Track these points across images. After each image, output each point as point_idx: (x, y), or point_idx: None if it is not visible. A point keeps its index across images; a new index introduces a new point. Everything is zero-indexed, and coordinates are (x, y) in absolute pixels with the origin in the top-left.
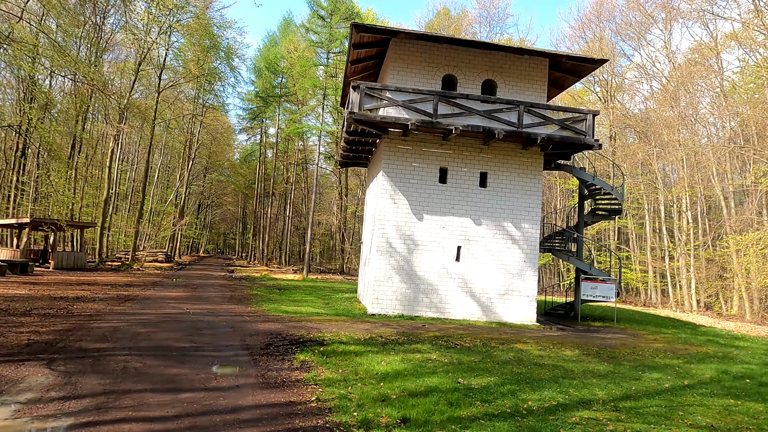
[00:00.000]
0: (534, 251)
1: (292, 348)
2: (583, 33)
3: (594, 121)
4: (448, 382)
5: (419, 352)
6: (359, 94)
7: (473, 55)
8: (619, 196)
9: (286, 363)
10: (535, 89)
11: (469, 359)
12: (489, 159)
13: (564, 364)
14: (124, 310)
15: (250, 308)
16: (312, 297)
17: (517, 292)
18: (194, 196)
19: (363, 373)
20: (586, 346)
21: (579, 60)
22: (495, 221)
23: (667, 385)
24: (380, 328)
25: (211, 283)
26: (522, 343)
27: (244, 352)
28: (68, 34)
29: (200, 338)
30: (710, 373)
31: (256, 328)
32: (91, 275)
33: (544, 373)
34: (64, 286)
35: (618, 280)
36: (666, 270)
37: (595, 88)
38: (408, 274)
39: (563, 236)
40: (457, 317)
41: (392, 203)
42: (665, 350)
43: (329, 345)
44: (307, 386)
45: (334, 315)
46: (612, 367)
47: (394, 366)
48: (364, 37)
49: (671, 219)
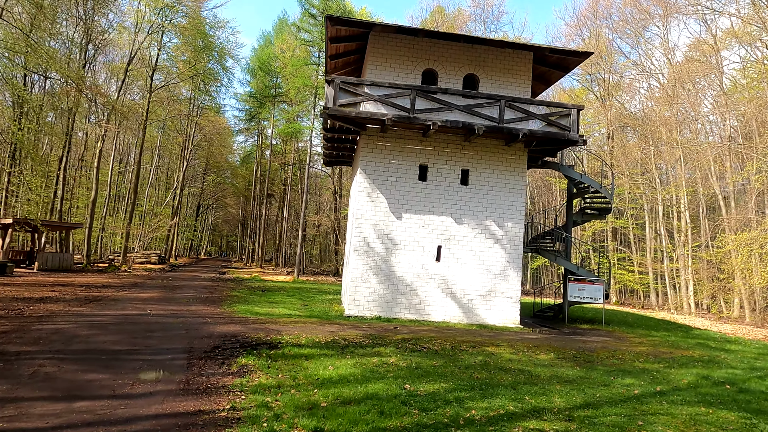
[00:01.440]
0: (518, 251)
1: (240, 351)
2: (579, 31)
3: (579, 116)
4: (393, 389)
5: (379, 355)
6: (334, 89)
7: (455, 49)
8: (607, 194)
9: (224, 368)
10: (519, 84)
11: (429, 363)
12: (471, 156)
13: (532, 369)
14: (82, 311)
15: (219, 310)
16: (293, 298)
17: (499, 293)
18: (193, 197)
19: (303, 378)
20: (563, 349)
21: (563, 53)
22: (477, 220)
23: (636, 391)
24: (347, 331)
25: (194, 285)
26: (495, 346)
27: (184, 355)
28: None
29: (145, 341)
30: (689, 379)
31: (213, 330)
32: (72, 276)
33: (506, 378)
34: (36, 287)
35: (608, 281)
36: (665, 271)
37: (593, 87)
38: (386, 274)
39: (553, 236)
40: (437, 319)
41: (370, 201)
42: (648, 354)
43: (283, 348)
44: (231, 393)
45: (307, 317)
46: (584, 372)
47: (342, 371)
48: (341, 31)
49: (670, 219)
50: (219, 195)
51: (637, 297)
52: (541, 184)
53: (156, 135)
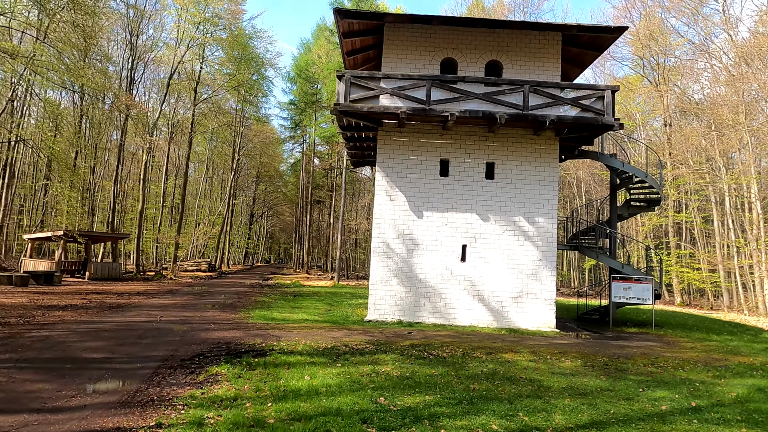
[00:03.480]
0: (551, 249)
1: (220, 359)
2: (628, 13)
3: (613, 97)
4: (363, 402)
5: (375, 363)
6: (344, 84)
7: (475, 36)
8: (655, 183)
9: (190, 377)
10: (548, 68)
11: (427, 372)
12: (496, 148)
13: (545, 379)
14: (91, 319)
15: (234, 315)
16: (321, 303)
17: (532, 294)
18: (246, 207)
19: (268, 389)
20: (594, 356)
21: (594, 30)
22: (505, 216)
23: (664, 407)
24: (355, 336)
25: (229, 291)
26: (514, 352)
27: (157, 364)
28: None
29: (129, 348)
30: (739, 391)
31: (209, 336)
32: (116, 285)
33: (508, 390)
34: (72, 295)
35: (659, 279)
36: (735, 269)
37: (647, 72)
38: (408, 276)
39: (596, 232)
40: (464, 323)
41: (389, 200)
42: (697, 361)
43: (270, 355)
44: (172, 407)
45: (324, 322)
46: (609, 382)
47: (321, 381)
48: (353, 25)
49: (739, 211)
50: (271, 203)
51: (706, 297)
52: (590, 177)
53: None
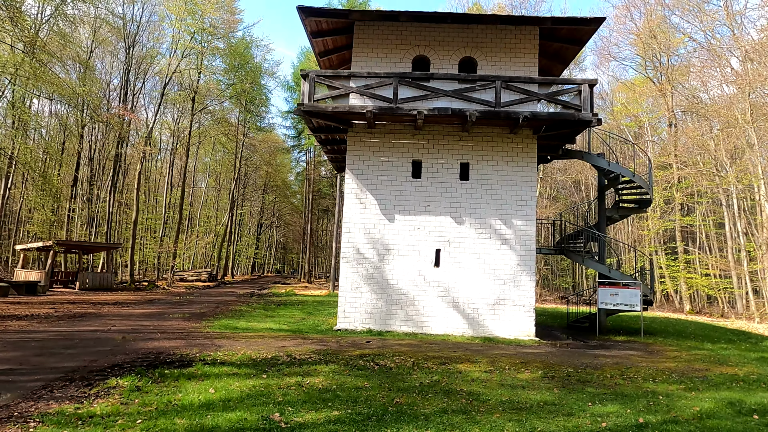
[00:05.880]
0: (530, 253)
1: (131, 370)
2: (628, 12)
3: (591, 92)
4: (251, 418)
5: (307, 375)
6: (309, 83)
7: (448, 32)
8: (643, 183)
9: (83, 390)
10: (524, 64)
11: (357, 385)
12: (471, 148)
13: (486, 392)
14: (35, 328)
15: (195, 324)
16: (299, 312)
17: (510, 301)
18: (253, 216)
19: (159, 405)
20: (559, 366)
21: (570, 22)
22: (480, 219)
23: (605, 424)
24: (307, 345)
25: (213, 300)
26: (471, 362)
27: (58, 375)
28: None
29: (43, 359)
30: (705, 405)
31: (144, 346)
32: (101, 294)
33: (436, 404)
34: (44, 305)
35: (650, 284)
36: (745, 274)
37: (650, 72)
38: (379, 283)
39: (584, 235)
40: (438, 332)
41: (359, 204)
42: (674, 371)
43: (194, 366)
44: (26, 424)
45: (287, 331)
46: (559, 395)
47: (224, 394)
48: (321, 24)
49: (749, 214)
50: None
51: (716, 305)
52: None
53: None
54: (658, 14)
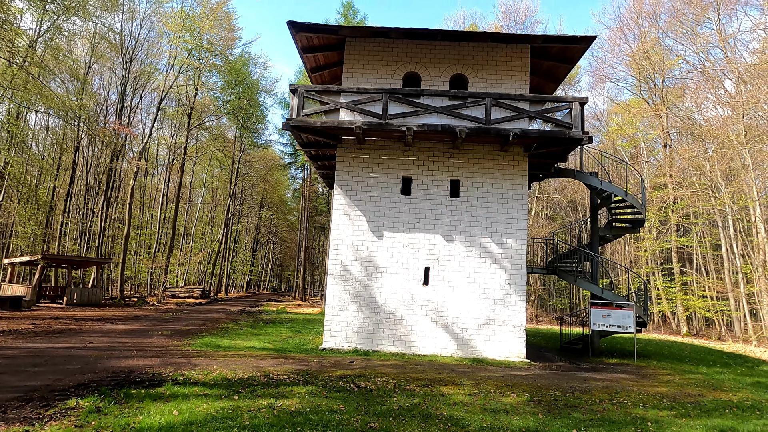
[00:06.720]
0: (520, 272)
1: (96, 390)
2: (623, 34)
3: (582, 110)
4: None
5: (282, 396)
6: (298, 98)
7: (439, 49)
8: (636, 203)
9: (39, 411)
10: (515, 81)
11: (332, 408)
12: (461, 165)
13: (467, 417)
14: (9, 344)
15: (175, 342)
16: (286, 330)
17: (500, 321)
18: (249, 233)
19: (116, 428)
20: (546, 389)
21: (561, 40)
22: (470, 237)
23: None
24: (287, 365)
25: (201, 317)
26: (456, 385)
27: (16, 395)
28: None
29: (10, 377)
30: None
31: (116, 364)
32: (88, 310)
33: (412, 429)
34: (25, 320)
35: (644, 305)
36: (742, 296)
37: (645, 94)
38: (366, 301)
39: (577, 255)
40: (426, 352)
41: (347, 220)
42: (665, 396)
43: (164, 386)
44: None
45: (270, 350)
46: (543, 421)
47: (187, 417)
48: (312, 39)
49: (743, 235)
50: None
51: (714, 327)
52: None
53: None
54: (652, 36)
